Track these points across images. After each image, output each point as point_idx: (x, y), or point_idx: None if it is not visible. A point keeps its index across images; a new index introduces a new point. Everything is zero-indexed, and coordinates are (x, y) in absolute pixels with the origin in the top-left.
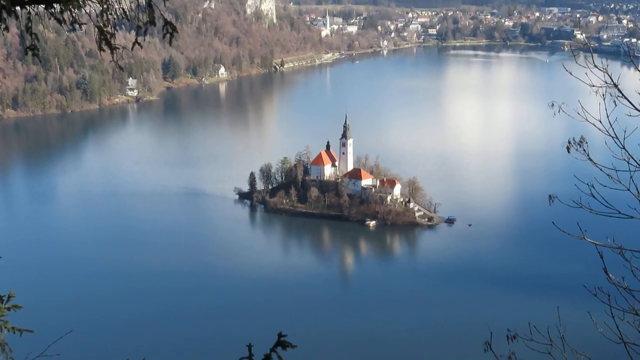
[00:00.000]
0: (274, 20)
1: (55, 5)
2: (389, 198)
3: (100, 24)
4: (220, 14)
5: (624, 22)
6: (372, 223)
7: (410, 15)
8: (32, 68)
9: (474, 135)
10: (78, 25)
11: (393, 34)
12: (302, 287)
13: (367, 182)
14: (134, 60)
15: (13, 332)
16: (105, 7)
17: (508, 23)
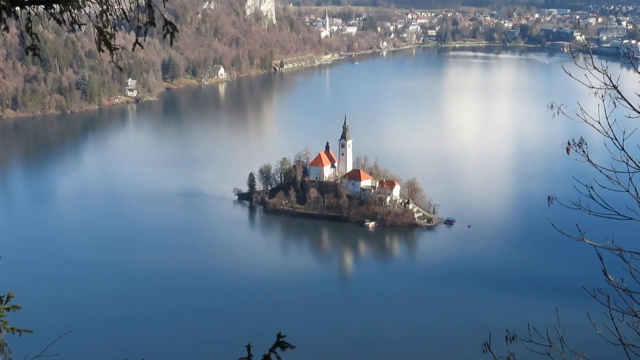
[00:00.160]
0: (274, 21)
1: (55, 6)
2: (388, 199)
3: (100, 25)
4: (220, 15)
5: (624, 23)
6: (371, 224)
7: (410, 17)
8: (31, 68)
9: (474, 137)
10: (78, 26)
11: (392, 35)
12: (301, 287)
13: (366, 183)
14: (134, 61)
15: (12, 332)
16: (105, 7)
17: (507, 24)
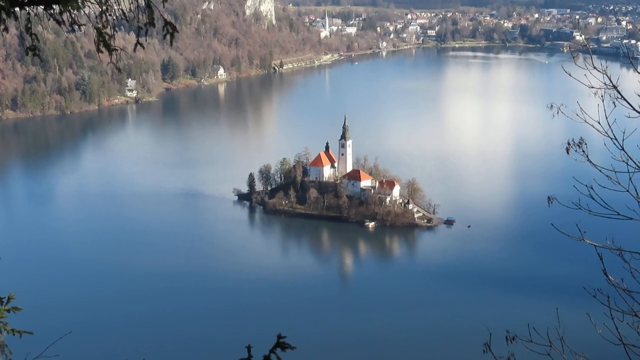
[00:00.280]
0: (273, 22)
1: (55, 7)
2: (388, 199)
3: (100, 26)
4: (220, 15)
5: (623, 23)
6: (371, 224)
7: (410, 17)
8: (31, 69)
9: (473, 137)
10: (77, 27)
11: (392, 35)
12: (301, 288)
13: (366, 183)
14: (133, 61)
15: (12, 334)
16: (105, 8)
17: (507, 24)
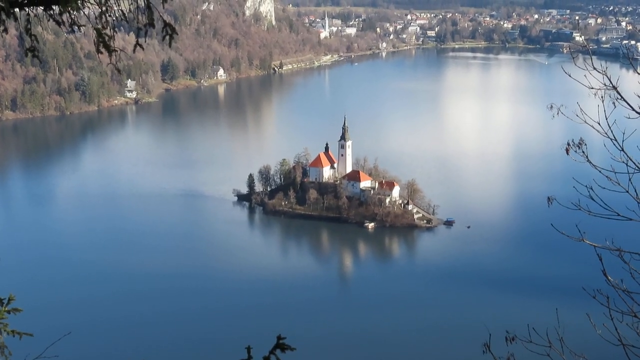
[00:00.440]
0: (273, 22)
1: (54, 7)
2: (388, 200)
3: (99, 26)
4: (219, 16)
5: (623, 24)
6: (370, 225)
7: (409, 17)
8: (30, 70)
9: (473, 137)
10: (77, 27)
11: (392, 36)
12: (301, 289)
13: (365, 184)
14: (133, 62)
15: (12, 335)
16: (104, 9)
17: (507, 25)
